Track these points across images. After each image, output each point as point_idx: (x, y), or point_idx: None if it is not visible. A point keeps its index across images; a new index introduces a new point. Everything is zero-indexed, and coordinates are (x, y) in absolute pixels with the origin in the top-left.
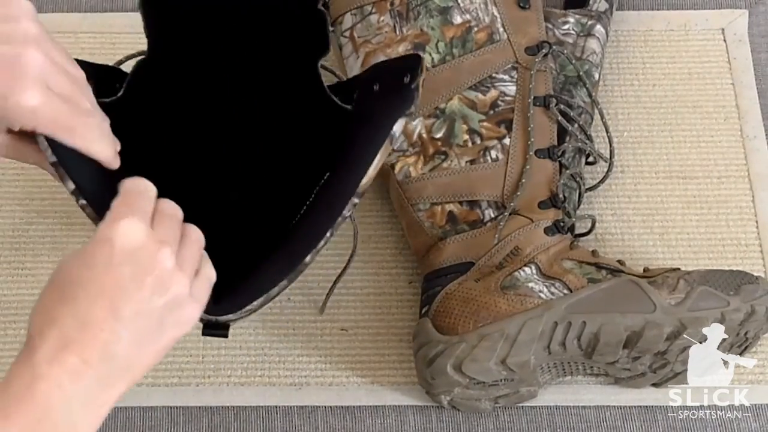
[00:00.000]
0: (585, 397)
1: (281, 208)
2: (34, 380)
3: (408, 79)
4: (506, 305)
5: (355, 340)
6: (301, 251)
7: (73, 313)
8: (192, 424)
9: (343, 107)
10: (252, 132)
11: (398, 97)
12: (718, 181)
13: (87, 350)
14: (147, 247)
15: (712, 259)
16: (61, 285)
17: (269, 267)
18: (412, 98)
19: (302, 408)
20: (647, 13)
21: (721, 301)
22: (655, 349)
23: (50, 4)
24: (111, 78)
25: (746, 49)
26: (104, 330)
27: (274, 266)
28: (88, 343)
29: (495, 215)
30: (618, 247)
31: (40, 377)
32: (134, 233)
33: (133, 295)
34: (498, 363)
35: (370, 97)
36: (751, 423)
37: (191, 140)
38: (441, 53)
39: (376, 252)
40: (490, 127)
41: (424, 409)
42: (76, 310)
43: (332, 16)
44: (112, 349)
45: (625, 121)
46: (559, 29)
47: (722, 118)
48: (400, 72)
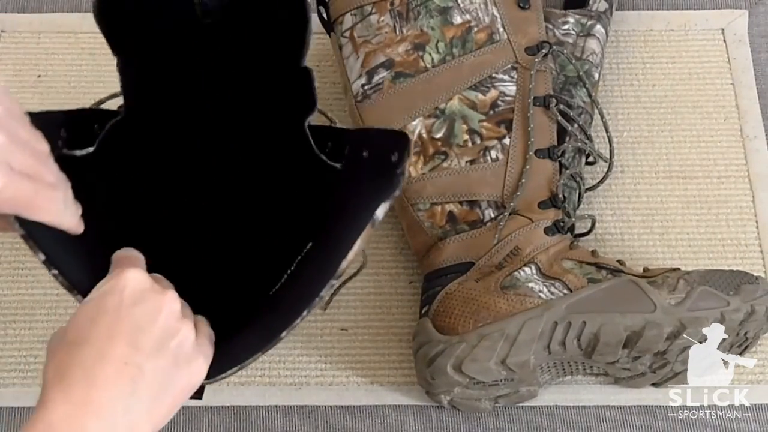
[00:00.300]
0: (585, 396)
1: (262, 275)
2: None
3: (395, 157)
4: (506, 305)
5: (355, 340)
6: (278, 327)
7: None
8: (192, 424)
9: (331, 166)
10: (235, 195)
11: (384, 181)
12: (718, 181)
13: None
14: (154, 288)
15: (712, 259)
16: (74, 336)
17: (246, 339)
18: (397, 183)
19: (302, 408)
20: (647, 13)
21: (721, 301)
22: (655, 349)
23: (50, 4)
24: (88, 121)
25: (746, 49)
26: (128, 363)
27: (250, 339)
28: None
29: (495, 215)
30: (618, 247)
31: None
32: (141, 277)
33: (148, 330)
34: (498, 363)
35: (359, 164)
36: (751, 423)
37: (170, 203)
38: (441, 53)
39: (376, 252)
40: (490, 127)
41: (424, 409)
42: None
43: (332, 16)
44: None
45: (625, 121)
46: (559, 29)
47: (722, 118)
48: (389, 147)
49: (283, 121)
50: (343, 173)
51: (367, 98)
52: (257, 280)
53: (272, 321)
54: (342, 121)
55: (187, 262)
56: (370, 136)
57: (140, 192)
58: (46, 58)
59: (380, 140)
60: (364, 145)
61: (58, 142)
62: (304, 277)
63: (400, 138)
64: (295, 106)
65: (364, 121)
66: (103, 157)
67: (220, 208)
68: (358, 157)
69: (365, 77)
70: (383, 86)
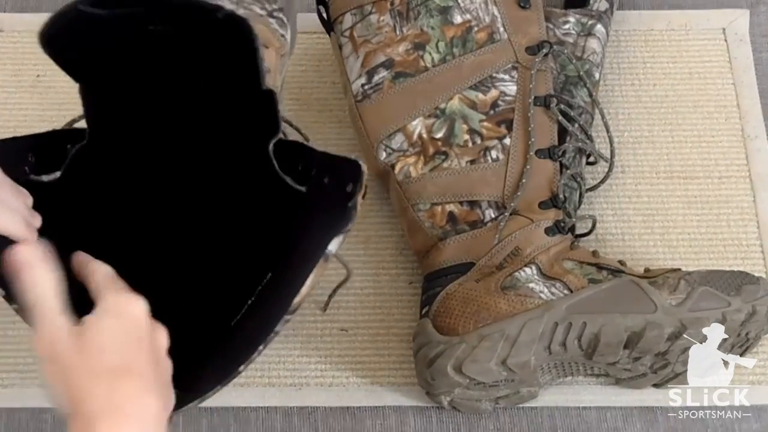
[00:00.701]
0: (585, 397)
1: (224, 304)
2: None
3: (350, 188)
4: (507, 306)
5: (355, 341)
6: (236, 360)
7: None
8: (192, 425)
9: (296, 190)
10: (199, 221)
11: (338, 213)
12: (719, 181)
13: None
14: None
15: (713, 259)
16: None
17: (206, 372)
18: (350, 217)
19: (302, 408)
20: (648, 13)
21: (722, 301)
22: (655, 350)
23: (49, 4)
24: (59, 142)
25: (747, 48)
26: (161, 395)
27: (210, 372)
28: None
29: (495, 215)
30: (619, 248)
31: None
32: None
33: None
34: (498, 363)
35: (321, 190)
36: (751, 423)
37: (133, 230)
38: (441, 53)
39: (376, 252)
40: (490, 127)
41: (424, 410)
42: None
43: (332, 16)
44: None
45: (626, 121)
46: (559, 29)
47: (723, 118)
48: (346, 176)
49: (247, 144)
50: (307, 197)
51: (367, 98)
52: (220, 310)
53: (231, 354)
54: (341, 122)
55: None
56: (333, 161)
57: (104, 219)
58: (45, 57)
59: (340, 167)
60: (326, 170)
61: (26, 168)
62: (263, 309)
63: (356, 168)
64: (259, 129)
65: (364, 121)
66: (69, 183)
67: (185, 234)
68: (320, 183)
69: (365, 77)
70: (383, 86)
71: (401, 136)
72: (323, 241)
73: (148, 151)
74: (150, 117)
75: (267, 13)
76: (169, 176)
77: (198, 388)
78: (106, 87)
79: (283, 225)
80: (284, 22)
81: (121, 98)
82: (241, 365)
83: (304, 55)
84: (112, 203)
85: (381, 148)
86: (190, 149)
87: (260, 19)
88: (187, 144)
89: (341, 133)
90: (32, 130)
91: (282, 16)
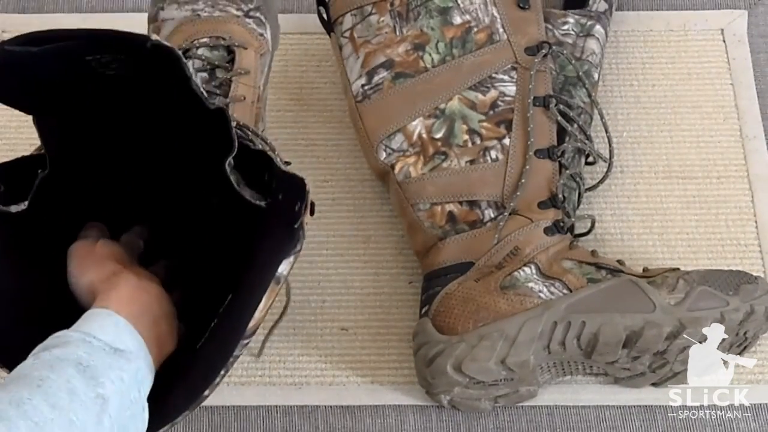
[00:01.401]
0: (584, 396)
1: (189, 329)
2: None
3: (297, 207)
4: (506, 305)
5: (355, 340)
6: (201, 385)
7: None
8: (192, 424)
9: (255, 206)
10: (164, 244)
11: (287, 234)
12: (717, 181)
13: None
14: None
15: (712, 259)
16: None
17: (174, 399)
18: (297, 238)
19: (302, 408)
20: (647, 14)
21: (721, 300)
22: (654, 349)
23: (51, 4)
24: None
25: (745, 49)
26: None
27: (177, 399)
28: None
29: (495, 215)
30: (617, 247)
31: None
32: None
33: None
34: (498, 363)
35: (276, 207)
36: (750, 423)
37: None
38: (441, 53)
39: (376, 252)
40: (489, 128)
41: (423, 409)
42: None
43: (332, 17)
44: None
45: (625, 122)
46: (558, 29)
47: (721, 119)
48: (295, 195)
49: (203, 163)
50: (265, 214)
51: (367, 98)
52: (187, 333)
53: (195, 379)
54: (341, 122)
55: None
56: (286, 178)
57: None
58: None
59: (291, 185)
60: (282, 186)
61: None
62: (223, 332)
63: (301, 186)
64: (213, 147)
65: (364, 122)
66: (36, 213)
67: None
68: (276, 199)
69: (365, 77)
70: (383, 86)
71: (401, 137)
72: (273, 265)
73: (108, 176)
74: (106, 142)
75: (243, 14)
76: (132, 200)
77: (166, 413)
78: (59, 118)
79: (243, 243)
80: (262, 21)
81: (75, 126)
82: (206, 390)
83: (304, 55)
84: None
85: (381, 148)
86: (150, 173)
87: (237, 20)
88: (146, 168)
89: (341, 133)
90: (33, 131)
91: (259, 15)
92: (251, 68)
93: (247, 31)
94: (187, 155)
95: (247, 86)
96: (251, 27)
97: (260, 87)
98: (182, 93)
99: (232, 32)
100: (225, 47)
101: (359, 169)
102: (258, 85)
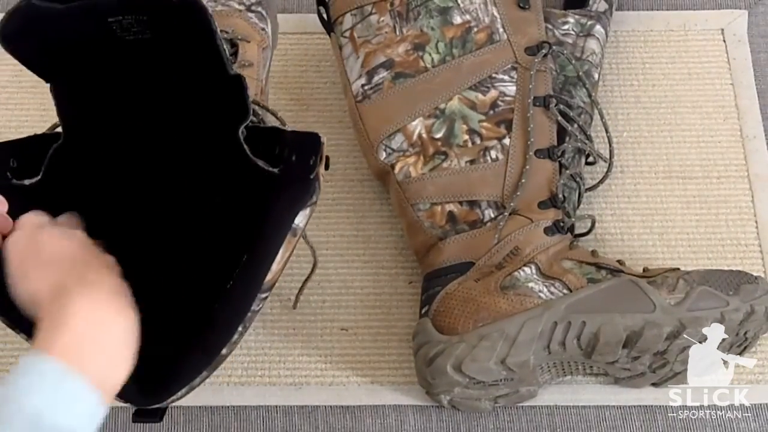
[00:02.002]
0: (584, 396)
1: (203, 291)
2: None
3: (312, 161)
4: (506, 305)
5: (355, 340)
6: (218, 344)
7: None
8: (192, 424)
9: (269, 172)
10: (176, 210)
11: (301, 187)
12: (717, 181)
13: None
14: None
15: (712, 259)
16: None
17: (191, 359)
18: (313, 189)
19: (302, 408)
20: (647, 14)
21: (721, 300)
22: (654, 349)
23: None
24: (40, 146)
25: (746, 49)
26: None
27: (194, 359)
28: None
29: (495, 215)
30: (618, 247)
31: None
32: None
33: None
34: (498, 363)
35: (289, 168)
36: (750, 423)
37: (113, 222)
38: (441, 53)
39: (376, 252)
40: (489, 128)
41: (423, 409)
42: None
43: (332, 17)
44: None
45: (625, 122)
46: (558, 29)
47: (722, 119)
48: (310, 150)
49: (219, 130)
50: (279, 178)
51: (367, 98)
52: (200, 297)
53: (213, 338)
54: (342, 122)
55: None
56: (298, 137)
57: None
58: None
59: (304, 142)
60: (294, 147)
61: (8, 173)
62: (239, 291)
63: (316, 140)
64: (228, 114)
65: (364, 122)
66: (50, 184)
67: (164, 225)
68: (289, 162)
69: (365, 77)
70: (383, 86)
71: (401, 137)
72: (289, 216)
73: (122, 144)
74: (122, 110)
75: (245, 8)
76: (145, 168)
77: (184, 375)
78: (76, 84)
79: (258, 207)
80: (263, 16)
81: (91, 94)
82: (223, 347)
83: (304, 55)
84: (90, 199)
85: (381, 148)
86: (164, 140)
87: (239, 14)
88: (160, 134)
89: (341, 133)
90: (33, 130)
91: (261, 10)
92: (254, 61)
93: (250, 25)
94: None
95: (250, 78)
96: (253, 21)
97: (263, 80)
98: (204, 53)
99: (235, 26)
100: (228, 40)
101: (359, 169)
102: (261, 78)
